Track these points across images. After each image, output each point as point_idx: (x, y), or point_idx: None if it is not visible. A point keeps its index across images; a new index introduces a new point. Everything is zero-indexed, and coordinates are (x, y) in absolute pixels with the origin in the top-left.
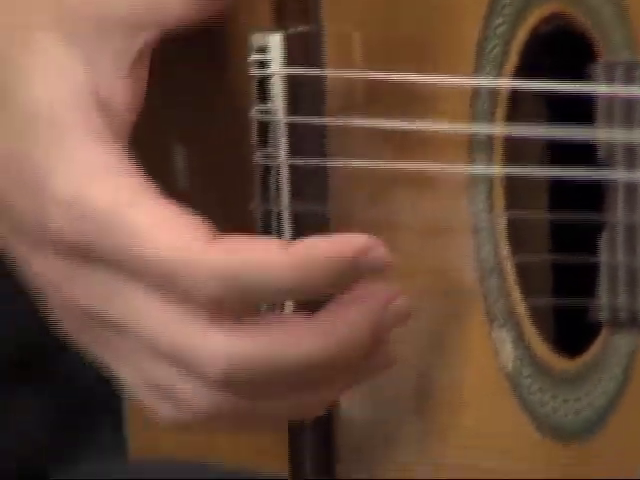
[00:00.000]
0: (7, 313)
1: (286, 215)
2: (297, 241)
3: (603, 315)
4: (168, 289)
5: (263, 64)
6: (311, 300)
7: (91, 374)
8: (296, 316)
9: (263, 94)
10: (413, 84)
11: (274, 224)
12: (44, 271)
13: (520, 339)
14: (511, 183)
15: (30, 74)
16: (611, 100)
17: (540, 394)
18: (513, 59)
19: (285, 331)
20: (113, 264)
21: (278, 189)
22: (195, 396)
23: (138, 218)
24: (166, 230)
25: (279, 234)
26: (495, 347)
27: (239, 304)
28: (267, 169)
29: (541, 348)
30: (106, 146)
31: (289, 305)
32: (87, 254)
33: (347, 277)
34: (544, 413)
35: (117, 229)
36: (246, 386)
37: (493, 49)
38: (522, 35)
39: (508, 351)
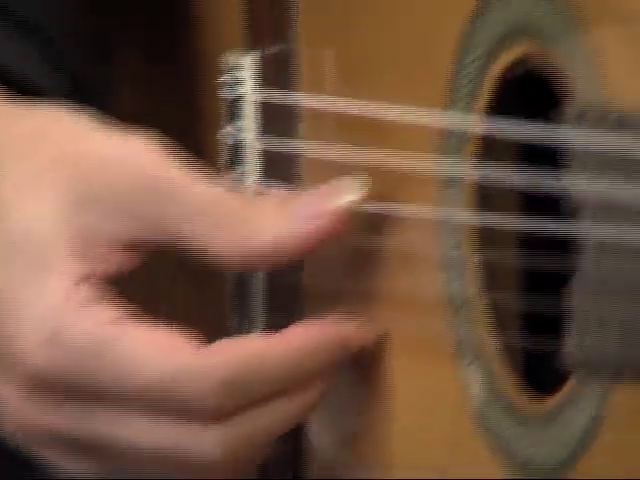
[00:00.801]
0: None
1: None
2: (287, 331)
3: (571, 360)
4: (164, 411)
5: (235, 85)
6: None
7: None
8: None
9: (234, 115)
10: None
11: None
12: (10, 401)
13: (489, 377)
14: (481, 227)
15: (16, 204)
16: (581, 149)
17: (510, 433)
18: (484, 98)
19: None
20: (104, 398)
21: None
22: (201, 447)
23: (124, 347)
24: (156, 352)
25: None
26: (465, 383)
27: (236, 404)
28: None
29: (511, 387)
30: (88, 285)
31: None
32: (69, 389)
33: (338, 358)
34: (514, 452)
35: (103, 366)
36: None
37: (465, 86)
38: (494, 74)
39: (478, 388)
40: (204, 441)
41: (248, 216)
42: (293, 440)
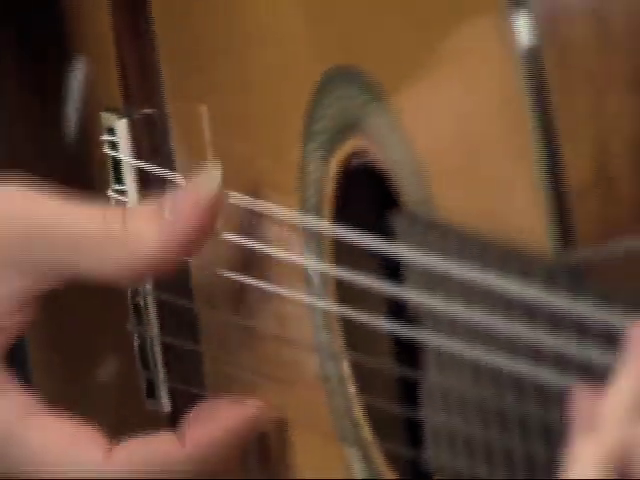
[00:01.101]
0: None
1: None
2: (189, 430)
3: (430, 466)
4: None
5: (114, 145)
6: None
7: None
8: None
9: (117, 175)
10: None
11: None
12: None
13: (368, 463)
14: (347, 321)
15: None
16: (412, 262)
17: None
18: (330, 186)
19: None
20: None
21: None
22: None
23: (29, 442)
24: (62, 450)
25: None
26: (348, 463)
27: None
28: None
29: (389, 476)
30: None
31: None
32: None
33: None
34: None
35: (9, 455)
36: None
37: (313, 171)
38: (335, 166)
39: (359, 471)
40: None
41: (128, 230)
42: None
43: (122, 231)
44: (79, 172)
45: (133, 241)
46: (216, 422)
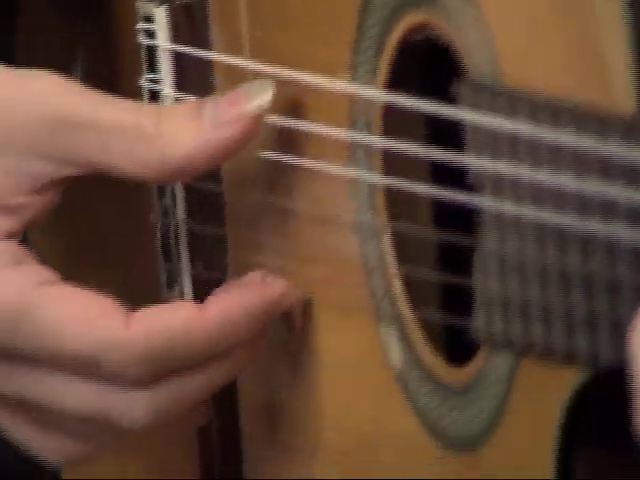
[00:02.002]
0: None
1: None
2: (211, 301)
3: (479, 335)
4: (89, 376)
5: (150, 34)
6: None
7: None
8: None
9: (151, 64)
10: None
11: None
12: None
13: (407, 342)
14: (392, 195)
15: None
16: (477, 127)
17: (429, 399)
18: (385, 64)
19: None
20: (28, 358)
21: None
22: (129, 411)
23: (47, 313)
24: (79, 320)
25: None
26: (384, 346)
27: (160, 374)
28: None
29: (428, 354)
30: (9, 244)
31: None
32: None
33: (263, 324)
34: (433, 419)
35: (27, 327)
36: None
37: (367, 50)
38: (393, 41)
39: (396, 351)
40: (130, 406)
41: (161, 131)
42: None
43: (155, 130)
44: (109, 63)
45: (165, 143)
46: (240, 297)
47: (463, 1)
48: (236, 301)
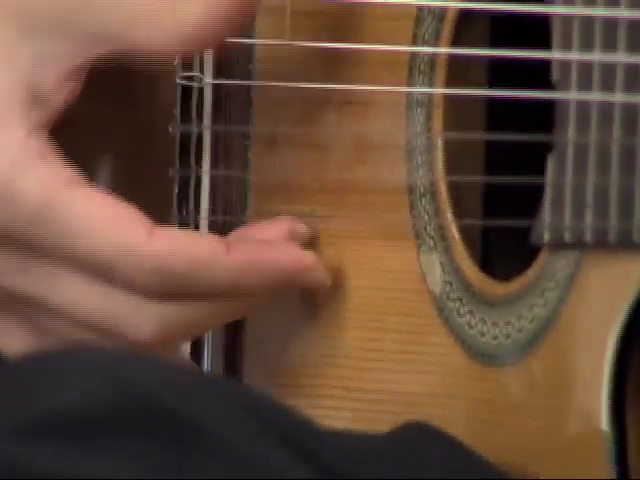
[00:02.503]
0: None
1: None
2: (241, 242)
3: (546, 235)
4: (104, 279)
5: None
6: None
7: None
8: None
9: None
10: None
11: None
12: None
13: (450, 262)
14: (451, 104)
15: None
16: (568, 21)
17: (469, 317)
18: None
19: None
20: (46, 253)
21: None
22: (136, 321)
23: (72, 210)
24: (105, 222)
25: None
26: (423, 270)
27: (168, 293)
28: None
29: (472, 271)
30: (39, 138)
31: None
32: (16, 240)
33: (281, 286)
34: (472, 336)
35: (51, 221)
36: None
37: None
38: None
39: (437, 274)
40: (138, 315)
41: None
42: (232, 332)
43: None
44: None
45: (181, 8)
46: (270, 253)
47: None
48: (265, 255)
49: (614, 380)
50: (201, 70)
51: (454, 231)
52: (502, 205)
